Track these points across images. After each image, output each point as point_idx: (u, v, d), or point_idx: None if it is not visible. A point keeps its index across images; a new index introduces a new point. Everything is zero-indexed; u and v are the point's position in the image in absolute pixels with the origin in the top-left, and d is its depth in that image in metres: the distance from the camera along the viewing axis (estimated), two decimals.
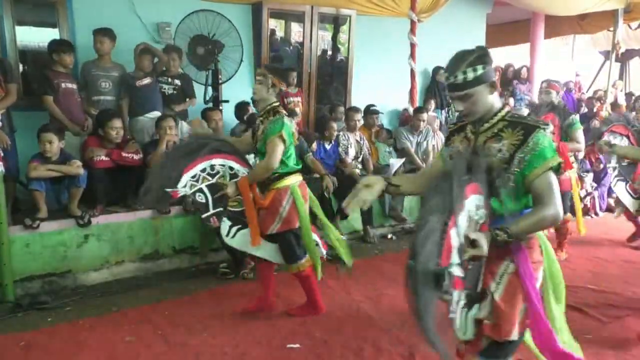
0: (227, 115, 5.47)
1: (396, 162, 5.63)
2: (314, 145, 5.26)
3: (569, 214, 4.56)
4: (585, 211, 6.67)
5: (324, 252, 3.44)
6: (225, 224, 3.22)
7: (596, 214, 6.66)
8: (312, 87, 6.46)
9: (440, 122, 6.98)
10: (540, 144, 1.81)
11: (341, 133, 5.53)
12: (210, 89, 5.34)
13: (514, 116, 1.92)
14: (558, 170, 1.85)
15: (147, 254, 4.36)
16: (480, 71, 1.84)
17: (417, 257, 1.57)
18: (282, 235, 3.28)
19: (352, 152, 5.51)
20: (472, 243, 1.71)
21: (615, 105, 8.64)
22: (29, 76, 5.00)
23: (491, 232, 1.76)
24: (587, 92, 10.65)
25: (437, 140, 6.26)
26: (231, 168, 3.19)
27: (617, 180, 4.46)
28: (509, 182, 1.84)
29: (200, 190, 3.10)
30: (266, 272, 3.49)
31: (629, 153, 3.50)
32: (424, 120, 6.06)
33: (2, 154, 3.75)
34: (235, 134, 5.36)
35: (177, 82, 5.12)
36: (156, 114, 4.78)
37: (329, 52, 7.29)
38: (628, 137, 4.94)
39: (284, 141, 3.12)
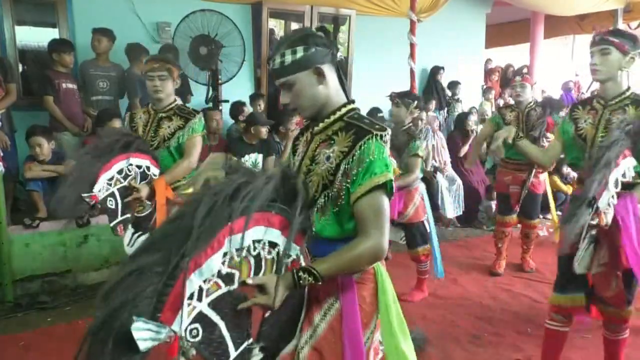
0: (227, 116, 5.48)
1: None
2: None
3: (538, 219, 4.44)
4: None
5: None
6: (129, 231, 2.80)
7: None
8: None
9: (440, 123, 6.98)
10: (368, 154, 1.40)
11: None
12: (210, 88, 5.34)
13: (354, 116, 1.50)
14: (391, 190, 1.43)
15: None
16: (300, 54, 1.44)
17: (102, 310, 1.21)
18: None
19: None
20: (260, 289, 1.35)
21: None
22: (29, 76, 4.99)
23: (293, 274, 1.38)
24: (586, 92, 10.65)
25: (437, 140, 6.26)
26: (148, 168, 2.83)
27: None
28: (338, 200, 1.45)
29: (112, 195, 2.69)
30: None
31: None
32: (422, 120, 6.05)
33: (2, 154, 3.76)
34: (232, 134, 5.37)
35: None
36: None
37: None
38: None
39: (204, 139, 3.08)
